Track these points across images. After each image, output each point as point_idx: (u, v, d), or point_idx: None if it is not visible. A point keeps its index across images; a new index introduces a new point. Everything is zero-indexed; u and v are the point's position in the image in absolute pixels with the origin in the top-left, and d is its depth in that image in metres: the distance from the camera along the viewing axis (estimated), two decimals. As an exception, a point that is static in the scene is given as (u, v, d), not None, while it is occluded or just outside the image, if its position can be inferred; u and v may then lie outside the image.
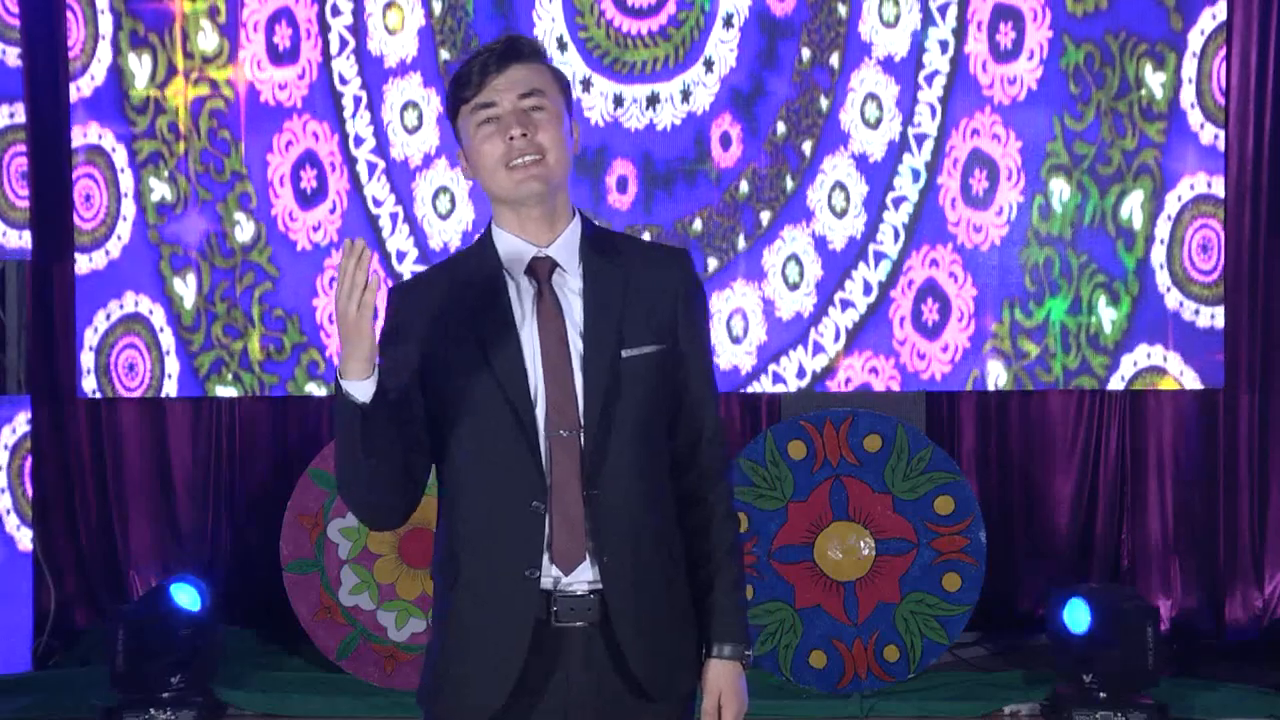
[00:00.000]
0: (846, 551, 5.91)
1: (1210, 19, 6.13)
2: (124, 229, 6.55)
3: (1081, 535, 6.68)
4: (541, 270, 2.85)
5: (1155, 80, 6.13)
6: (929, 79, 6.20)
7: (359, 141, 6.44)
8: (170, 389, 6.55)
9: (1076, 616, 5.63)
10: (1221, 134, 6.14)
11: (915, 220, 6.23)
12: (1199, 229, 6.15)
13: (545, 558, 2.78)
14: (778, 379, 6.30)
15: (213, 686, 5.85)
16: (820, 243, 6.26)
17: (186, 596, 5.83)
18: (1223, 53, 6.12)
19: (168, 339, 6.53)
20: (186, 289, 6.50)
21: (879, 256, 6.24)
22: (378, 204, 6.43)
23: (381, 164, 6.43)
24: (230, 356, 6.50)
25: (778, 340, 6.29)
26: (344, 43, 6.44)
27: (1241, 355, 6.48)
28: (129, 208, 6.54)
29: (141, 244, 6.53)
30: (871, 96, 6.22)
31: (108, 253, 6.57)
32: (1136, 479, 6.64)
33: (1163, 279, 6.17)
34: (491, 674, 2.79)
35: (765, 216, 6.27)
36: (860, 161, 6.24)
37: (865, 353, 6.26)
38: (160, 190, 6.51)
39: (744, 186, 6.27)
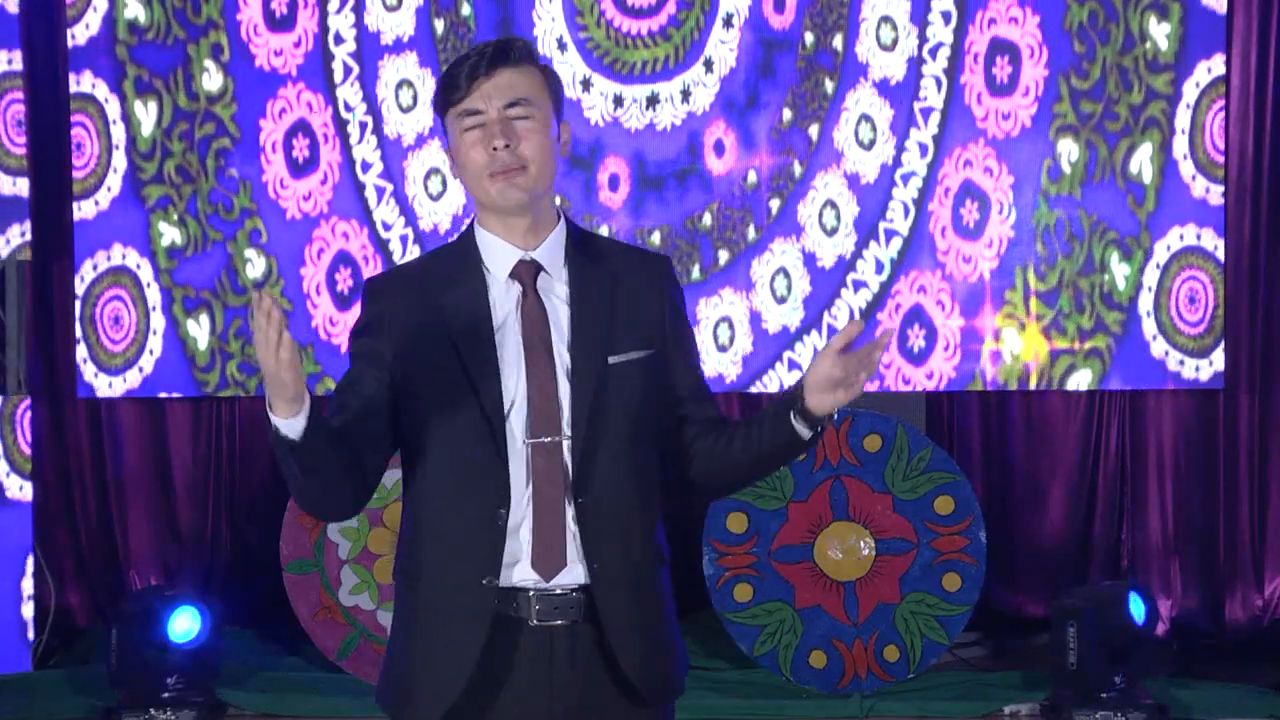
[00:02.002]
0: (846, 551, 5.91)
1: (1206, 73, 6.11)
2: (114, 180, 6.51)
3: (1081, 535, 6.67)
4: (526, 274, 2.83)
5: (1159, 32, 6.10)
6: (925, 110, 6.19)
7: (349, 110, 6.42)
8: (155, 345, 6.51)
9: (1138, 608, 5.62)
10: (1213, 188, 6.09)
11: (905, 245, 6.20)
12: (1186, 280, 6.12)
13: (526, 563, 2.77)
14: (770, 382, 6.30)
15: (213, 686, 5.85)
16: (809, 259, 6.24)
17: (185, 623, 5.77)
18: (1216, 106, 6.07)
19: (154, 295, 6.50)
20: (200, 330, 6.48)
21: (868, 277, 6.22)
22: (366, 169, 6.41)
23: (374, 140, 6.41)
24: (246, 393, 6.49)
25: (764, 351, 6.27)
26: (341, 13, 6.42)
27: (1241, 355, 6.47)
28: (120, 160, 6.52)
29: (130, 197, 6.50)
30: (865, 118, 6.20)
31: (97, 203, 6.54)
32: (1136, 479, 6.63)
33: (1149, 327, 6.14)
34: (444, 673, 2.78)
35: (775, 205, 6.25)
36: (852, 181, 6.22)
37: None
38: (170, 234, 6.49)
39: (751, 177, 6.26)
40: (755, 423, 2.83)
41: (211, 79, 6.45)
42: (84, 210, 6.55)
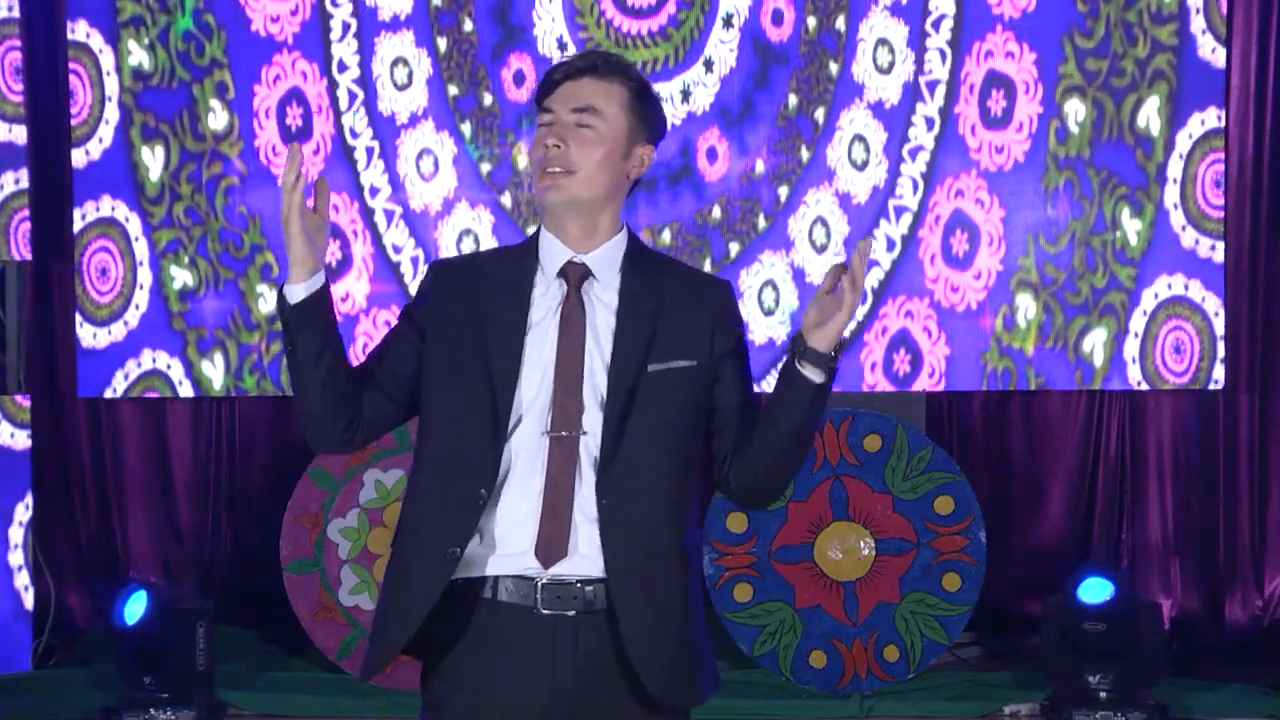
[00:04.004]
0: (846, 551, 5.92)
1: (1199, 125, 6.09)
2: (105, 132, 6.48)
3: (1081, 535, 6.68)
4: (573, 275, 2.91)
5: None
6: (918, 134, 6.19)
7: (350, 99, 6.41)
8: (141, 300, 6.49)
9: (1096, 590, 5.63)
10: (1203, 240, 6.07)
11: (894, 268, 6.19)
12: (1173, 330, 6.10)
13: (530, 552, 2.81)
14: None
15: (213, 687, 5.85)
16: (799, 274, 6.23)
17: (137, 608, 5.71)
18: (1210, 159, 6.04)
19: (142, 249, 6.48)
20: (215, 369, 6.46)
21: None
22: (357, 138, 6.40)
23: (366, 117, 6.40)
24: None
25: (753, 362, 6.25)
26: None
27: (1241, 355, 6.48)
28: (112, 112, 6.48)
29: (122, 152, 6.48)
30: (859, 138, 6.20)
31: (88, 153, 6.52)
32: (1136, 479, 6.64)
33: (1134, 373, 6.12)
34: (391, 632, 2.85)
35: (783, 192, 6.24)
36: (844, 200, 6.21)
37: (835, 388, 6.21)
38: (182, 277, 6.46)
39: (759, 166, 6.25)
40: (773, 393, 2.91)
41: (217, 118, 6.43)
42: (74, 161, 6.50)
